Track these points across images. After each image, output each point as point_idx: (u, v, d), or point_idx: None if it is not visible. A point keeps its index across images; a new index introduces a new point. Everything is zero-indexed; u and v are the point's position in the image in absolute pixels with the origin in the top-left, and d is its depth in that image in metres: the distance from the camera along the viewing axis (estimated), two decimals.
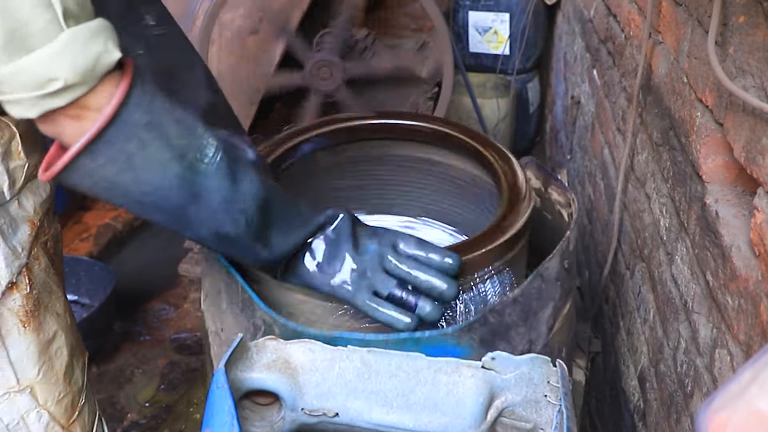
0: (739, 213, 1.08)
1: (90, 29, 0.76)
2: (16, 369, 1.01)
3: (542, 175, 1.35)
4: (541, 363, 0.96)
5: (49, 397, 1.06)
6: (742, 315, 0.99)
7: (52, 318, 1.06)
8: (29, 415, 1.04)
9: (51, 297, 1.06)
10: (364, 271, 0.99)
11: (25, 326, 1.01)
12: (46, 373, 1.05)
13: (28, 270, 1.00)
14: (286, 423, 1.00)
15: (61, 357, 1.07)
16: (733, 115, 1.05)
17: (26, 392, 1.03)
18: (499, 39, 3.22)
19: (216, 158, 0.88)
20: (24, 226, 0.99)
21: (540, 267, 1.06)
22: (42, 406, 1.05)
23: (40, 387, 1.04)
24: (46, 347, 1.05)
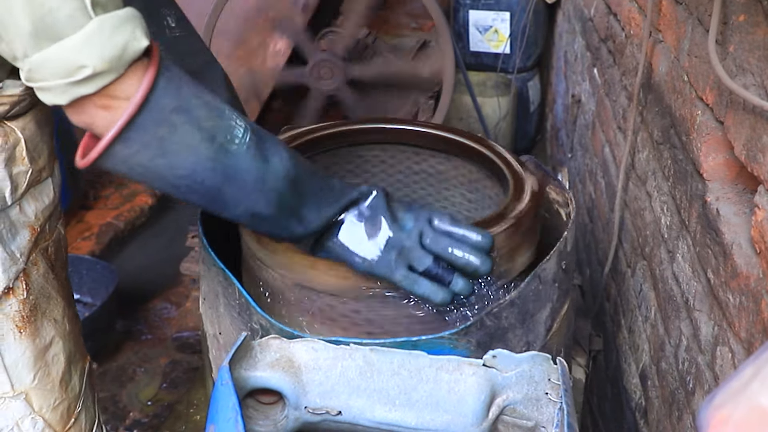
0: (739, 211, 1.08)
1: (118, 17, 0.77)
2: (10, 374, 1.00)
3: (540, 173, 1.35)
4: (542, 361, 0.97)
5: (45, 404, 1.05)
6: (744, 312, 0.99)
7: (50, 324, 1.05)
8: (24, 421, 1.03)
9: (49, 303, 1.05)
10: (402, 247, 0.99)
11: (21, 332, 1.00)
12: (42, 379, 1.04)
13: (25, 275, 0.99)
14: (290, 421, 1.00)
15: (57, 364, 1.06)
16: (733, 113, 1.06)
17: (21, 398, 1.02)
18: (499, 38, 3.23)
19: (245, 138, 0.89)
20: (24, 231, 0.98)
21: (537, 268, 1.06)
22: (37, 413, 1.04)
23: (35, 393, 1.03)
24: (43, 353, 1.04)
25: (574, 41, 2.64)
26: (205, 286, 1.19)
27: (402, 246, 0.99)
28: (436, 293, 0.99)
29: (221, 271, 1.07)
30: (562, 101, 2.89)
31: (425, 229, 1.00)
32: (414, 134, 1.39)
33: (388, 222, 0.99)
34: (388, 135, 1.41)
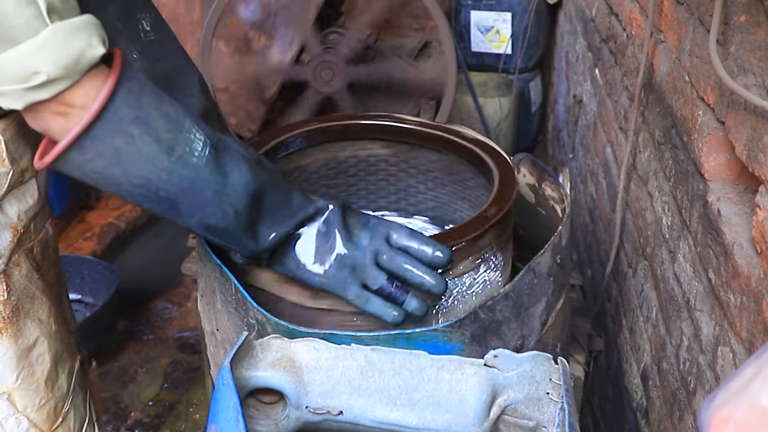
0: (741, 211, 1.08)
1: (74, 25, 0.77)
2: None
3: (536, 171, 1.35)
4: (543, 360, 0.97)
5: (29, 404, 1.04)
6: (745, 312, 0.99)
7: (34, 324, 1.03)
8: (7, 421, 1.02)
9: (33, 303, 1.04)
10: (355, 266, 0.99)
11: (2, 332, 0.99)
12: (26, 379, 1.03)
13: (6, 277, 0.98)
14: (291, 421, 1.00)
15: (42, 364, 1.05)
16: (734, 113, 1.06)
17: (3, 398, 1.01)
18: (501, 38, 3.23)
19: (205, 152, 0.89)
20: (5, 232, 0.97)
21: (531, 262, 1.06)
22: (21, 413, 1.03)
23: (18, 393, 1.02)
24: (26, 354, 1.02)
25: (575, 42, 2.65)
26: (202, 282, 1.19)
27: (355, 264, 0.99)
28: (388, 313, 0.99)
29: (218, 267, 1.07)
30: (563, 102, 2.89)
31: (381, 247, 1.00)
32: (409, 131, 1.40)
33: (342, 239, 0.99)
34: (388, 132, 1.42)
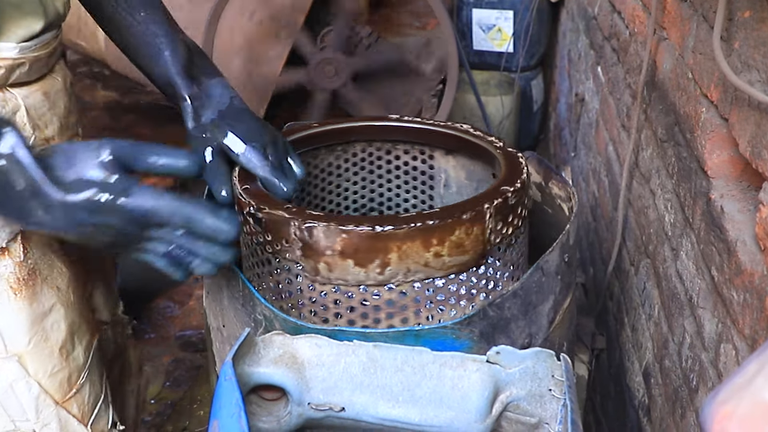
0: (744, 208, 1.08)
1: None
2: (3, 335, 1.00)
3: (543, 169, 1.35)
4: (546, 357, 0.97)
5: (41, 369, 1.04)
6: (748, 309, 0.99)
7: (51, 291, 1.04)
8: (18, 383, 1.02)
9: (52, 271, 1.05)
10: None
11: (16, 293, 1.00)
12: (38, 344, 1.03)
13: (24, 238, 0.99)
14: (293, 417, 1.00)
15: (57, 331, 1.06)
16: (738, 110, 1.05)
17: (14, 360, 1.01)
18: (503, 36, 3.23)
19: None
20: None
21: (540, 260, 1.06)
22: (32, 377, 1.03)
23: (30, 357, 1.03)
24: (40, 319, 1.03)
25: (577, 40, 2.64)
26: (209, 278, 1.19)
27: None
28: (176, 272, 0.98)
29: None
30: (565, 100, 2.89)
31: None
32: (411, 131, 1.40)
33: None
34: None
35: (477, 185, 1.38)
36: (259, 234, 1.05)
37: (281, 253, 1.04)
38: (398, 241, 1.00)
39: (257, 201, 1.05)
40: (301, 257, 1.03)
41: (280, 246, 1.03)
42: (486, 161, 1.30)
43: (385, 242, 1.00)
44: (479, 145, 1.28)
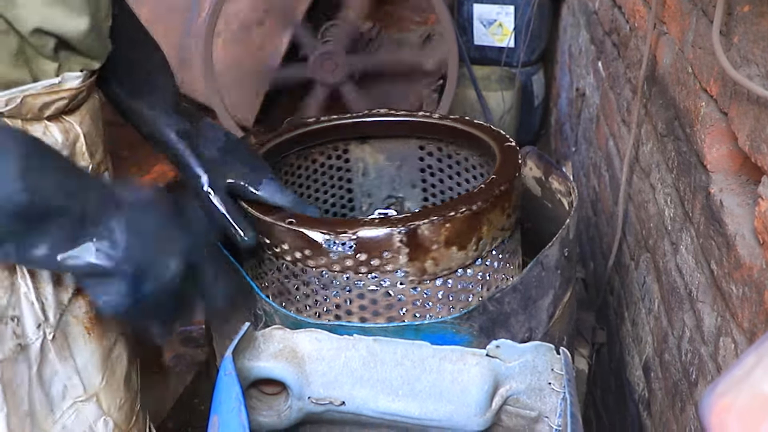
0: (743, 202, 1.08)
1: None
2: (82, 377, 0.99)
3: (543, 164, 1.35)
4: (545, 351, 0.97)
5: (112, 404, 1.04)
6: (747, 303, 0.99)
7: (112, 324, 1.03)
8: (97, 424, 1.01)
9: None
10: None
11: (90, 333, 0.98)
12: (109, 379, 1.02)
13: None
14: (293, 412, 1.00)
15: (121, 363, 1.05)
16: (737, 104, 1.05)
17: (92, 401, 1.00)
18: (503, 31, 3.22)
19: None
20: None
21: (540, 255, 1.06)
22: (106, 414, 1.02)
23: (104, 394, 1.02)
24: (108, 354, 1.02)
25: (578, 35, 2.64)
26: None
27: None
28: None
29: (225, 257, 1.08)
30: (566, 95, 2.89)
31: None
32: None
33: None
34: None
35: (400, 163, 1.42)
36: (346, 258, 1.02)
37: (379, 269, 1.03)
38: (488, 213, 1.07)
39: (338, 228, 1.02)
40: (408, 262, 1.03)
41: (380, 261, 1.02)
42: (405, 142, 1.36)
43: (479, 219, 1.05)
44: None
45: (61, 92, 0.89)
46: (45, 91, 0.87)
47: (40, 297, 0.91)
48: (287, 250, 1.04)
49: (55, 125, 0.91)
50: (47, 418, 0.96)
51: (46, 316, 0.92)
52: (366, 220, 1.03)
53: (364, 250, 1.01)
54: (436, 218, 1.01)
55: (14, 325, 0.90)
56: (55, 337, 0.94)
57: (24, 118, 0.87)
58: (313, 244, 1.01)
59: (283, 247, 1.04)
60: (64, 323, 0.95)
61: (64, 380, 0.97)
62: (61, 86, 0.89)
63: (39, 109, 0.88)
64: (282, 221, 1.03)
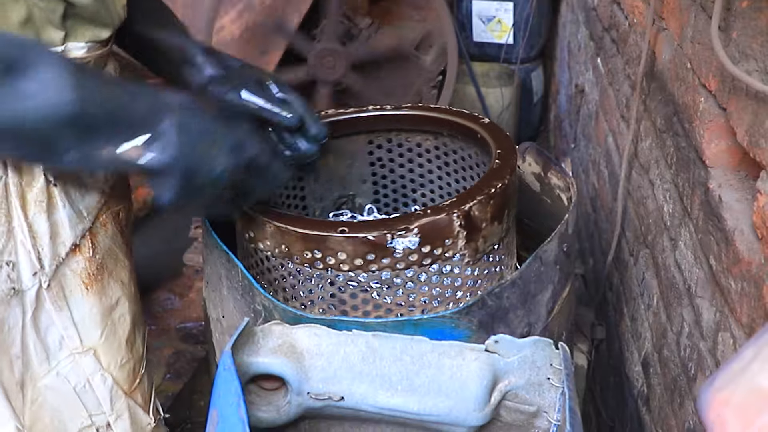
0: (742, 197, 1.08)
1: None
2: (79, 330, 1.04)
3: (542, 160, 1.35)
4: (544, 346, 0.97)
5: (112, 362, 1.08)
6: (745, 298, 0.99)
7: (116, 285, 1.09)
8: (94, 377, 1.06)
9: (116, 265, 1.09)
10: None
11: (88, 288, 1.04)
12: (109, 337, 1.07)
13: (92, 235, 1.03)
14: (292, 407, 1.00)
15: (123, 324, 1.10)
16: (736, 99, 1.05)
17: (90, 354, 1.05)
18: (502, 28, 3.22)
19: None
20: (93, 192, 1.03)
21: (539, 250, 1.06)
22: (105, 370, 1.07)
23: (103, 350, 1.07)
24: (109, 312, 1.07)
25: (577, 31, 2.64)
26: (208, 269, 1.19)
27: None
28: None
29: (224, 253, 1.08)
30: (565, 92, 2.89)
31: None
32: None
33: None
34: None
35: (351, 161, 1.42)
36: (411, 254, 1.03)
37: (441, 257, 1.05)
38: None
39: (398, 226, 1.02)
40: (465, 245, 1.06)
41: (442, 249, 1.04)
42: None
43: (508, 191, 1.11)
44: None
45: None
46: None
47: (36, 246, 0.96)
48: (345, 259, 1.02)
49: None
50: (42, 364, 1.02)
51: (42, 265, 0.97)
52: (418, 212, 1.04)
53: (428, 241, 1.02)
54: (482, 197, 1.05)
55: (9, 270, 0.95)
56: (51, 287, 0.99)
57: None
58: (377, 247, 1.01)
59: (340, 257, 1.02)
60: (61, 275, 1.00)
61: (60, 330, 1.02)
62: (64, 54, 0.92)
63: None
64: (334, 230, 1.01)
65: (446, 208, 1.03)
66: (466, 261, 1.07)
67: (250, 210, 1.06)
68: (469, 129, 1.29)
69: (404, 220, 1.02)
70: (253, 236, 1.08)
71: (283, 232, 1.03)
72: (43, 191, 0.95)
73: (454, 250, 1.05)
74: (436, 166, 1.41)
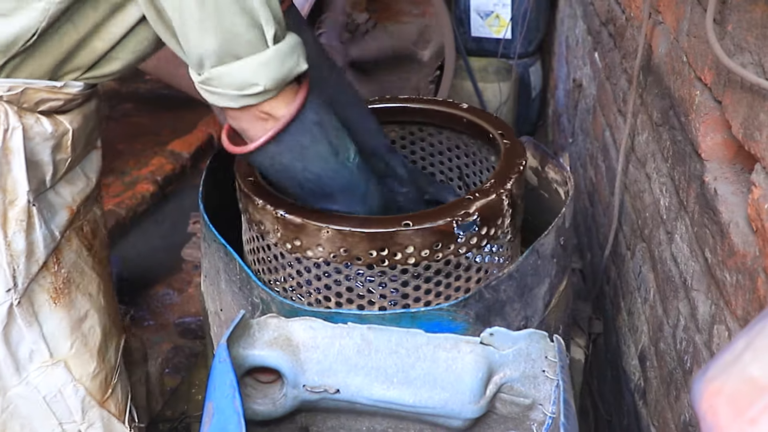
0: (737, 190, 1.09)
1: (290, 46, 0.92)
2: (48, 343, 1.07)
3: (539, 154, 1.36)
4: (539, 338, 0.97)
5: (84, 372, 1.11)
6: (740, 290, 0.99)
7: (84, 298, 1.12)
8: (66, 388, 1.09)
9: (83, 278, 1.12)
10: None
11: (56, 302, 1.07)
12: (79, 348, 1.10)
13: (56, 251, 1.06)
14: (288, 400, 1.01)
15: (94, 335, 1.13)
16: (731, 92, 1.05)
17: (60, 365, 1.08)
18: (500, 23, 3.22)
19: (356, 160, 1.05)
20: (62, 212, 1.07)
21: (535, 243, 1.07)
22: (77, 381, 1.10)
23: (73, 362, 1.10)
24: (79, 324, 1.10)
25: (575, 26, 2.64)
26: (206, 263, 1.20)
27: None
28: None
29: (222, 246, 1.08)
30: (564, 86, 2.89)
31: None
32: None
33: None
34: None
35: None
36: (472, 237, 1.06)
37: (493, 237, 1.09)
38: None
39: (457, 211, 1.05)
40: (509, 223, 1.11)
41: (495, 230, 1.09)
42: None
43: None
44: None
45: (59, 94, 0.99)
46: (45, 88, 0.97)
47: (11, 264, 0.99)
48: (412, 252, 1.02)
49: (47, 118, 1.00)
50: (12, 376, 1.06)
51: (16, 283, 1.01)
52: (468, 197, 1.06)
53: (485, 222, 1.05)
54: (516, 175, 1.09)
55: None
56: (21, 303, 1.03)
57: (20, 106, 0.96)
58: (444, 235, 1.02)
59: (407, 251, 1.02)
60: (30, 290, 1.04)
61: (30, 345, 1.06)
62: (61, 90, 0.99)
63: (35, 102, 0.97)
64: (398, 225, 1.03)
65: (491, 189, 1.07)
66: (509, 238, 1.11)
67: (287, 215, 1.05)
68: (452, 115, 1.31)
69: (461, 206, 1.04)
70: (300, 245, 1.05)
71: (344, 235, 1.02)
72: (24, 211, 0.99)
73: (502, 228, 1.09)
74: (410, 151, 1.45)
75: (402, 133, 1.42)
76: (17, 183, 0.97)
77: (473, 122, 1.28)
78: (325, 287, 1.07)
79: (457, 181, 1.46)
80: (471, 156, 1.39)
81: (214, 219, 1.17)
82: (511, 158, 1.15)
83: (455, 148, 1.41)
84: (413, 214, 1.05)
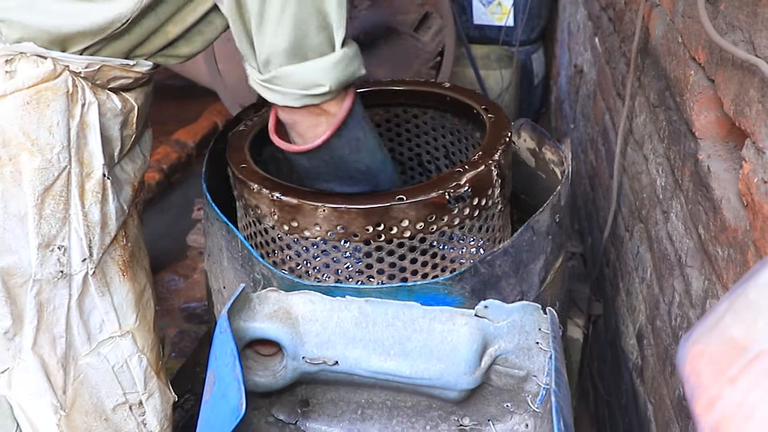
0: (730, 167, 1.10)
1: (354, 50, 0.97)
2: (118, 314, 1.12)
3: (536, 135, 1.37)
4: (532, 311, 0.99)
5: (145, 344, 1.16)
6: (732, 264, 1.01)
7: (142, 272, 1.17)
8: (132, 359, 1.14)
9: (140, 253, 1.18)
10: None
11: (124, 275, 1.11)
12: (141, 321, 1.15)
13: (124, 225, 1.12)
14: (288, 372, 1.03)
15: (150, 309, 1.19)
16: (723, 70, 1.07)
17: (128, 337, 1.13)
18: (503, 10, 3.22)
19: (382, 147, 1.12)
20: (127, 187, 1.12)
21: (530, 219, 1.08)
22: (141, 352, 1.15)
23: (138, 334, 1.15)
24: (140, 297, 1.16)
25: (576, 12, 2.65)
26: (209, 241, 1.22)
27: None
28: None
29: (224, 224, 1.10)
30: (566, 73, 2.90)
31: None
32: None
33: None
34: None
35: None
36: (465, 208, 1.09)
37: (485, 208, 1.12)
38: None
39: (448, 184, 1.08)
40: (499, 192, 1.14)
41: (486, 200, 1.11)
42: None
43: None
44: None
45: (130, 72, 1.04)
46: (119, 66, 1.02)
47: (88, 234, 1.03)
48: (407, 226, 1.05)
49: (116, 95, 1.05)
50: (84, 345, 1.10)
51: (91, 252, 1.05)
52: (457, 169, 1.09)
53: (476, 193, 1.08)
54: (503, 146, 1.12)
55: (60, 254, 1.03)
56: (95, 273, 1.07)
57: (94, 82, 1.02)
58: (437, 207, 1.05)
59: (403, 224, 1.05)
60: (104, 262, 1.08)
61: (102, 315, 1.10)
62: (133, 68, 1.04)
63: (108, 80, 1.02)
64: (392, 200, 1.05)
65: (480, 160, 1.09)
66: (499, 209, 1.14)
67: (283, 197, 1.07)
68: (435, 95, 1.34)
69: (452, 178, 1.07)
70: (297, 225, 1.06)
71: (341, 212, 1.04)
72: (100, 183, 1.03)
73: (492, 198, 1.11)
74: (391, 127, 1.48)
75: (386, 116, 1.44)
76: (93, 156, 1.02)
77: (457, 100, 1.31)
78: (324, 266, 1.09)
79: (444, 159, 1.48)
80: (456, 134, 1.41)
81: (218, 200, 1.19)
82: (497, 130, 1.18)
83: (440, 127, 1.43)
84: (406, 189, 1.07)
